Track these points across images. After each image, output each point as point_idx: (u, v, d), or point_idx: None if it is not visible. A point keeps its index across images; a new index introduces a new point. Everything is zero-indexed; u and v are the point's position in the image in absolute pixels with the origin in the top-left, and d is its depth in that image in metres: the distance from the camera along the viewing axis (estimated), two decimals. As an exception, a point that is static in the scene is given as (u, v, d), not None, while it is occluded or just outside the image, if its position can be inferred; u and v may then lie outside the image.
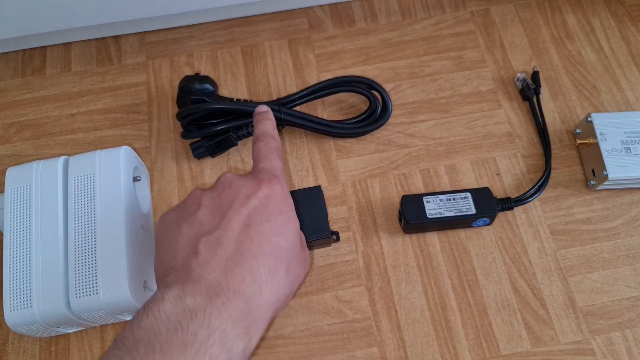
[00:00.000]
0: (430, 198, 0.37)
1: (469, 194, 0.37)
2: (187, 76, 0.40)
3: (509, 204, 0.38)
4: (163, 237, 0.26)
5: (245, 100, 0.41)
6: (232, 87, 0.44)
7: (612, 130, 0.38)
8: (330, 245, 0.38)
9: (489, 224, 0.38)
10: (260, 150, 0.30)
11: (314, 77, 0.44)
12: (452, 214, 0.36)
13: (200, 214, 0.25)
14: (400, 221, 0.38)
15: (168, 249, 0.25)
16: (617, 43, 0.45)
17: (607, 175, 0.37)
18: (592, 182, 0.39)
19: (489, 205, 0.37)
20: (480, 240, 0.38)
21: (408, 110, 0.43)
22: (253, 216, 0.25)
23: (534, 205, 0.39)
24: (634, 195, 0.40)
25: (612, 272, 0.37)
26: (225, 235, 0.24)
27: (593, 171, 0.39)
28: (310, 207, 0.36)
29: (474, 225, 0.38)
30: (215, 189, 0.27)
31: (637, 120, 0.39)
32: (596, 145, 0.38)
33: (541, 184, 0.39)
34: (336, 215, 0.39)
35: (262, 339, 0.35)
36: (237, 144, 0.41)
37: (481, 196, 0.37)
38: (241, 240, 0.24)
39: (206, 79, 0.39)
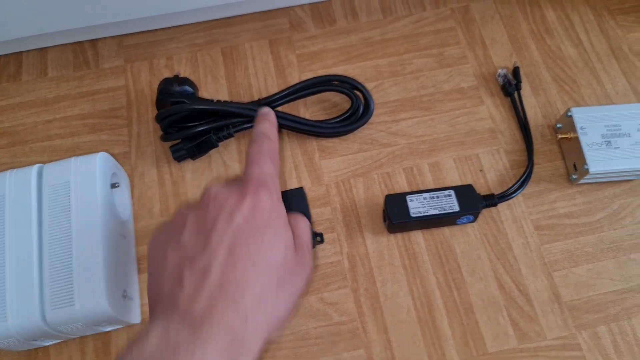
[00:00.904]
0: (413, 197, 0.37)
1: (452, 192, 0.37)
2: (166, 78, 0.39)
3: (492, 200, 0.38)
4: (152, 262, 0.27)
5: (225, 102, 0.40)
6: (213, 90, 0.43)
7: (592, 124, 0.38)
8: (314, 247, 0.38)
9: (473, 221, 0.38)
10: (252, 154, 0.29)
11: (295, 78, 0.44)
12: (436, 212, 0.36)
13: (185, 235, 0.26)
14: (384, 221, 0.38)
15: (155, 277, 0.26)
16: (597, 37, 0.46)
17: (588, 169, 0.37)
18: (574, 177, 0.39)
19: (472, 202, 0.37)
20: (465, 238, 0.38)
21: (390, 108, 0.43)
22: (237, 236, 0.25)
23: (518, 201, 0.39)
24: (616, 188, 0.40)
25: (595, 265, 0.37)
26: (209, 263, 0.24)
27: (575, 165, 0.39)
28: (293, 209, 0.35)
29: (458, 222, 0.38)
30: (200, 206, 0.27)
31: (617, 113, 0.39)
32: (577, 140, 0.38)
33: (524, 180, 0.39)
34: (320, 216, 0.39)
35: None
36: (217, 146, 0.40)
37: (464, 193, 0.37)
38: (225, 266, 0.24)
39: (185, 81, 0.39)
